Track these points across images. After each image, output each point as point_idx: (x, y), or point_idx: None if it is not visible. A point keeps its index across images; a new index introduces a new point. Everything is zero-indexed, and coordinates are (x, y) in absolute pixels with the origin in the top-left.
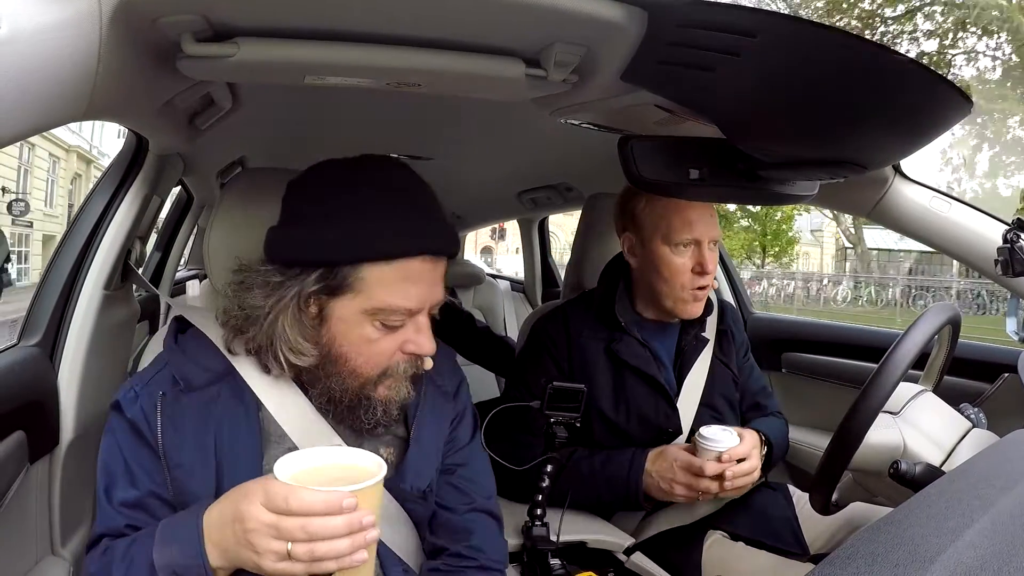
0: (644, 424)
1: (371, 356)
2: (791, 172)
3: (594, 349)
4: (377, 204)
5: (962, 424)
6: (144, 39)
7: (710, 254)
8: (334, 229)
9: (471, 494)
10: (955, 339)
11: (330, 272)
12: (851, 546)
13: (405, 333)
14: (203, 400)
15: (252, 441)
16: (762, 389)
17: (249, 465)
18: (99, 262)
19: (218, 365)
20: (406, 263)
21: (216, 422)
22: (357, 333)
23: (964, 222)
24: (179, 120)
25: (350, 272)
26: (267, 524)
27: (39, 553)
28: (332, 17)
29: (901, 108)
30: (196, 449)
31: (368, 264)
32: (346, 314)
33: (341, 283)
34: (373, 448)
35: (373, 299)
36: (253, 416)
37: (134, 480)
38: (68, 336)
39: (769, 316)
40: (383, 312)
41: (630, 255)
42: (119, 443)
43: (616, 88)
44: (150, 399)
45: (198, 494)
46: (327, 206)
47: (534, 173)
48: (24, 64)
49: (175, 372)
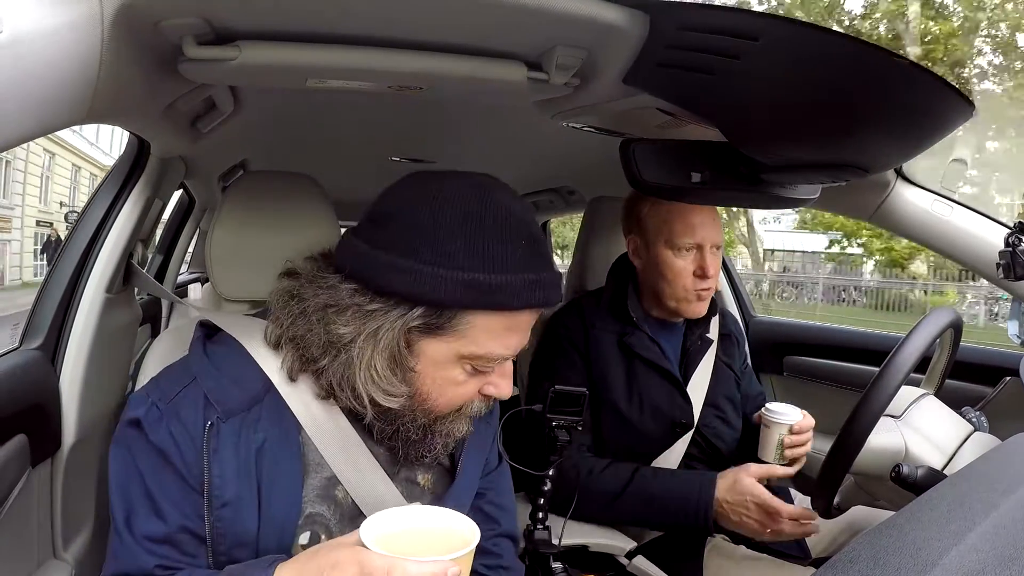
0: (657, 417)
1: (453, 397)
2: (793, 175)
3: (607, 342)
4: (504, 247)
5: (964, 428)
6: (146, 42)
7: (712, 258)
8: (458, 271)
9: (499, 520)
10: (957, 343)
11: (438, 312)
12: (853, 550)
13: (489, 376)
14: (242, 425)
15: (294, 468)
16: (759, 395)
17: (290, 495)
18: (101, 265)
19: (257, 384)
20: (515, 317)
21: (258, 449)
22: (444, 375)
23: (966, 226)
24: (181, 123)
25: (461, 316)
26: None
27: (41, 557)
28: (334, 20)
29: (903, 111)
30: (242, 482)
31: (472, 313)
32: (439, 355)
33: (446, 324)
34: (410, 474)
35: (474, 345)
36: (294, 440)
37: (161, 513)
38: (70, 339)
39: (771, 319)
40: (481, 359)
41: (635, 257)
42: (139, 467)
43: (617, 91)
44: (179, 423)
45: (246, 530)
46: (452, 241)
47: (536, 176)
48: (26, 67)
49: (210, 396)
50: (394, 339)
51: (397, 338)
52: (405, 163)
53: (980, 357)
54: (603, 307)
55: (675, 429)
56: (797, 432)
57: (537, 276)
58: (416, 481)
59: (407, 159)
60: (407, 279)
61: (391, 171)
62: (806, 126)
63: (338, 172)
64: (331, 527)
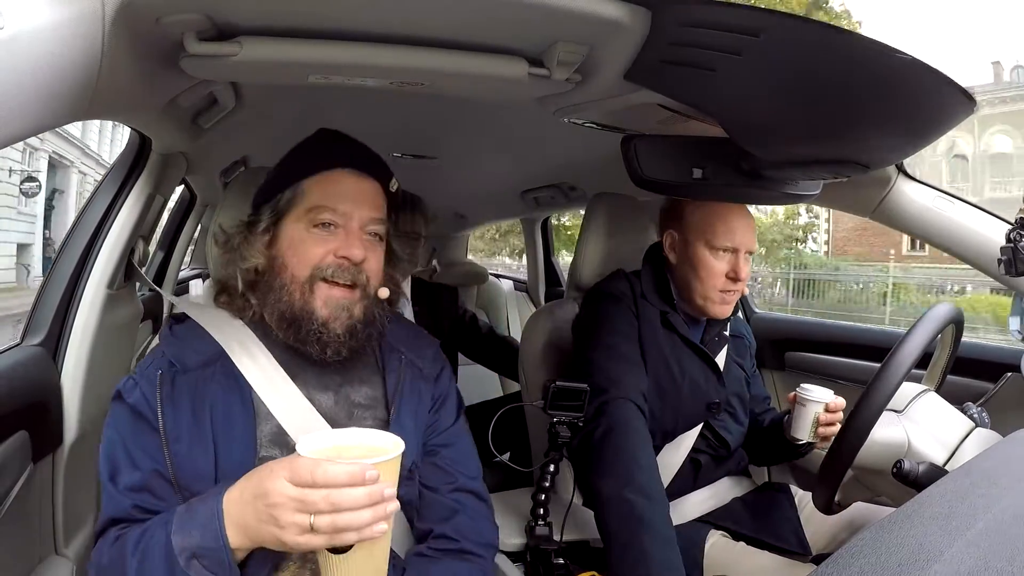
0: (695, 392)
1: (305, 255)
2: (794, 171)
3: (653, 314)
4: (311, 143)
5: (965, 423)
6: (147, 38)
7: (744, 263)
8: (275, 173)
9: (455, 474)
10: (958, 338)
11: (279, 199)
12: (854, 546)
13: (337, 241)
14: (198, 380)
15: (246, 417)
16: (766, 398)
17: (244, 440)
18: (102, 261)
19: (211, 349)
20: (331, 174)
21: (211, 400)
22: (295, 238)
23: (967, 222)
24: (182, 119)
25: (292, 193)
26: (291, 498)
27: (42, 553)
28: (335, 16)
29: (904, 107)
30: (193, 424)
31: (304, 181)
32: (288, 230)
33: (285, 206)
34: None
35: (308, 200)
36: (247, 395)
37: (136, 462)
38: (71, 335)
39: (773, 316)
40: (316, 210)
41: (670, 251)
42: (120, 431)
43: (619, 87)
44: (149, 383)
45: (197, 469)
46: (278, 164)
47: (537, 172)
48: (27, 63)
49: (170, 356)
50: (249, 228)
51: (252, 228)
52: (407, 159)
53: (981, 353)
54: (648, 284)
55: (709, 407)
56: (832, 411)
57: (338, 149)
58: None
59: (409, 155)
60: (261, 191)
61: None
62: (807, 122)
63: None
64: None
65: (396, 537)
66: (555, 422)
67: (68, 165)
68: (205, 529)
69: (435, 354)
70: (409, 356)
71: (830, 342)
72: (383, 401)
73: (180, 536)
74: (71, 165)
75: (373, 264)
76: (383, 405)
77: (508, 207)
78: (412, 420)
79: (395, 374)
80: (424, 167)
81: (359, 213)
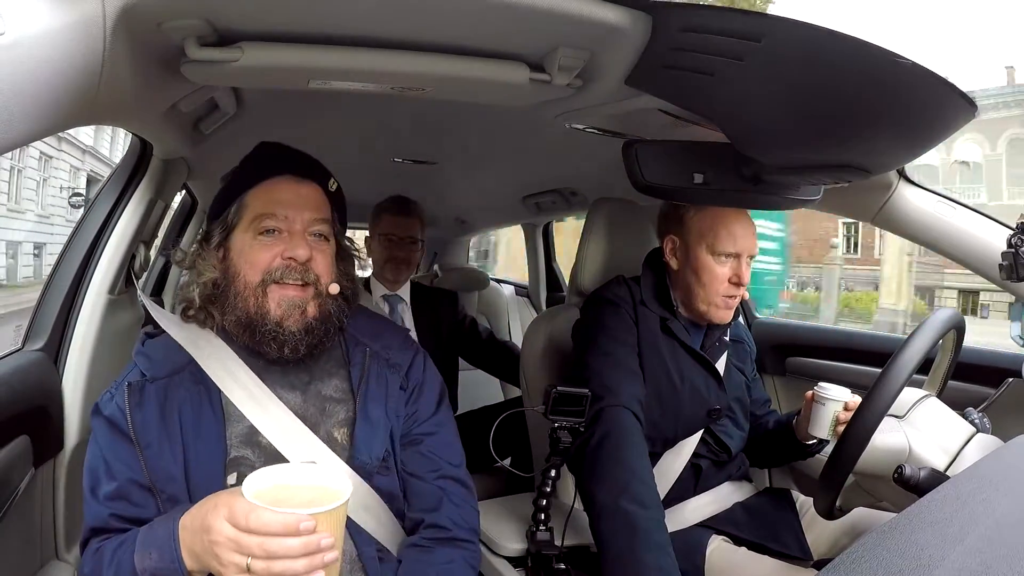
0: (696, 399)
1: (255, 263)
2: (795, 176)
3: (653, 321)
4: (250, 160)
5: (966, 429)
6: (148, 43)
7: (746, 268)
8: (221, 191)
9: (438, 461)
10: (959, 344)
11: (228, 213)
12: (855, 551)
13: (283, 243)
14: (168, 386)
15: (215, 419)
16: (766, 402)
17: (213, 441)
18: (103, 267)
19: (180, 358)
20: (271, 183)
21: (179, 404)
22: (244, 247)
23: (968, 227)
24: (183, 124)
25: (238, 206)
26: (229, 538)
27: (43, 558)
28: (336, 22)
29: (905, 112)
30: (162, 429)
31: (247, 193)
32: (237, 241)
33: (233, 218)
34: (327, 430)
35: (252, 211)
36: (216, 398)
37: (113, 472)
38: (72, 341)
39: (774, 321)
40: (260, 218)
41: (671, 256)
42: (99, 443)
43: (620, 92)
44: (121, 394)
45: (167, 471)
46: (224, 182)
47: (538, 178)
48: (28, 69)
49: (141, 367)
50: (201, 244)
51: (204, 243)
52: (407, 164)
53: (982, 358)
54: (647, 291)
55: (709, 414)
56: (850, 409)
57: (273, 157)
58: (334, 437)
59: (409, 160)
60: (211, 209)
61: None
62: (809, 127)
63: (340, 173)
64: (257, 468)
65: (384, 536)
66: (556, 427)
67: (100, 180)
68: (162, 551)
69: (403, 343)
70: (374, 347)
71: (831, 347)
72: (351, 394)
73: (140, 556)
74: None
75: (320, 262)
76: (352, 398)
77: (509, 212)
78: (381, 410)
79: (359, 367)
80: (424, 172)
81: (300, 216)
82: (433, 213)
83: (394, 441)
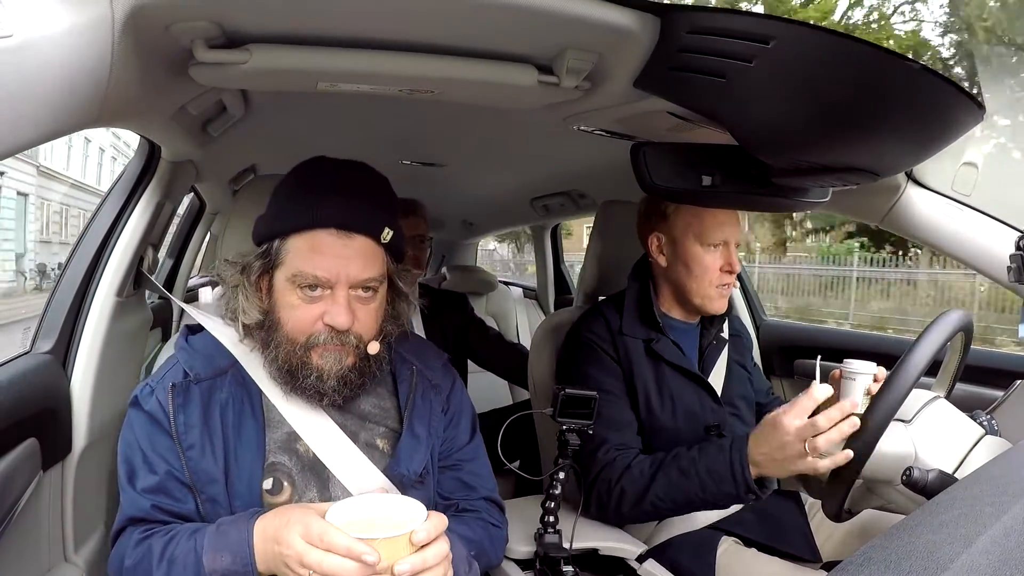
0: (691, 420)
1: (297, 323)
2: (804, 179)
3: (635, 347)
4: (300, 191)
5: (975, 431)
6: (157, 46)
7: (735, 253)
8: (269, 213)
9: (476, 487)
10: (967, 346)
11: (269, 249)
12: (863, 553)
13: (324, 305)
14: (212, 388)
15: (256, 423)
16: (768, 390)
17: (253, 446)
18: (112, 269)
19: (224, 360)
20: (314, 235)
21: (221, 407)
22: (286, 300)
23: (976, 229)
24: (192, 127)
25: (280, 247)
26: (298, 552)
27: (52, 560)
28: (344, 24)
29: (913, 114)
30: (204, 431)
31: (290, 237)
32: (280, 285)
33: (274, 257)
34: (369, 439)
35: (291, 267)
36: (257, 401)
37: (153, 466)
38: (81, 343)
39: (781, 323)
40: (298, 277)
41: (658, 254)
42: (136, 435)
43: (628, 95)
44: (163, 392)
45: (209, 473)
46: (274, 198)
47: (546, 180)
48: (37, 71)
49: (184, 366)
50: (247, 277)
51: (250, 276)
52: (415, 167)
53: (991, 360)
54: (629, 312)
55: (708, 432)
56: (879, 380)
57: (323, 204)
58: (375, 445)
59: (417, 163)
60: (255, 231)
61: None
62: (817, 130)
63: None
64: (293, 475)
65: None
66: (564, 429)
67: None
68: (236, 555)
69: (444, 367)
70: (419, 367)
71: (840, 349)
72: (395, 412)
73: (211, 556)
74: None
75: (362, 323)
76: (395, 415)
77: (517, 214)
78: (425, 428)
79: (407, 384)
80: (432, 175)
81: (344, 276)
82: (441, 215)
83: (433, 460)
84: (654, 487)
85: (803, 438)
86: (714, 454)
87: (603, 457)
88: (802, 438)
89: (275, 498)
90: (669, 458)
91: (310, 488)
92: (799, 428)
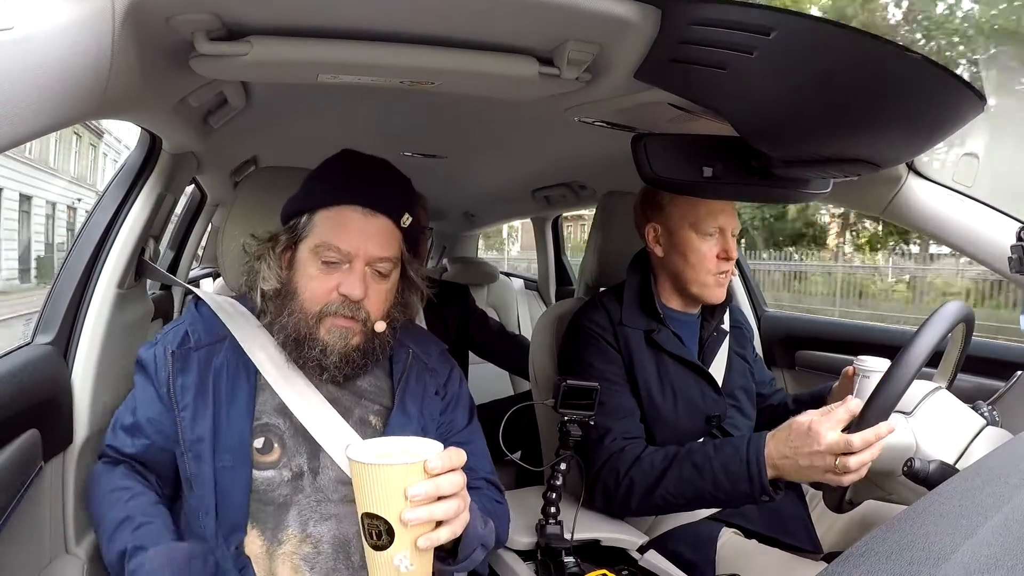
0: (692, 411)
1: (314, 292)
2: (805, 170)
3: (636, 338)
4: (330, 174)
5: (976, 422)
6: (157, 37)
7: (732, 241)
8: (299, 194)
9: (475, 469)
10: (969, 337)
11: (297, 224)
12: (864, 544)
13: (341, 277)
14: (208, 353)
15: (249, 387)
16: (771, 380)
17: (242, 407)
18: (113, 260)
19: (222, 331)
20: (340, 210)
21: (216, 371)
22: (306, 271)
23: (977, 220)
24: (193, 119)
25: (308, 221)
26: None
27: (53, 552)
28: (345, 16)
29: (915, 106)
30: (199, 394)
31: (318, 212)
32: (303, 256)
33: (301, 231)
34: (363, 415)
35: (316, 238)
36: (252, 370)
37: (134, 410)
38: (82, 334)
39: (783, 314)
40: (322, 247)
41: (655, 244)
42: (134, 385)
43: (629, 86)
44: (164, 349)
45: (199, 429)
46: (305, 182)
47: (548, 171)
48: (38, 62)
49: (188, 327)
50: (272, 249)
51: (274, 249)
52: (417, 158)
53: (992, 351)
54: (629, 303)
55: (709, 422)
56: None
57: (352, 184)
58: (368, 421)
59: (419, 154)
60: (285, 209)
61: (403, 166)
62: (818, 121)
63: None
64: (285, 438)
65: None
66: (566, 420)
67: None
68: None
69: (442, 354)
70: (416, 351)
71: (841, 340)
72: (389, 391)
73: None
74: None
75: (373, 300)
76: (389, 394)
77: (518, 206)
78: (417, 407)
79: (401, 364)
80: (433, 166)
81: (364, 250)
82: (442, 207)
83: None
84: (665, 481)
85: (835, 453)
86: (730, 452)
87: (611, 445)
88: (834, 452)
89: (264, 457)
90: (683, 452)
91: (300, 453)
92: (833, 443)
